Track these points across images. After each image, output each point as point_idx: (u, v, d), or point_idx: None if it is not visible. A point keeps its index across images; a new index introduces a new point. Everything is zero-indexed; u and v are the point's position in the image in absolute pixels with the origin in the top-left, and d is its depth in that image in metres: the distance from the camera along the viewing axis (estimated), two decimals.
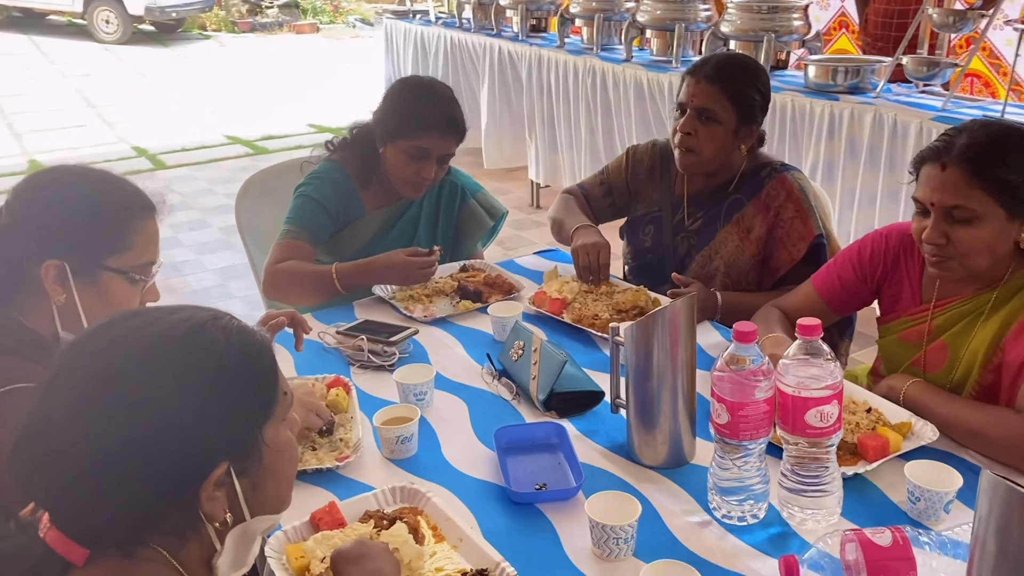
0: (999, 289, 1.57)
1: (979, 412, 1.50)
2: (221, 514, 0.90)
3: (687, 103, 2.06)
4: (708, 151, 2.06)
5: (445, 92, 2.21)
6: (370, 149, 2.22)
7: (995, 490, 0.94)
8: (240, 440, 0.90)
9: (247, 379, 0.91)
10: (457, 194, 2.38)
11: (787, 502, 1.33)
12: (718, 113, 2.03)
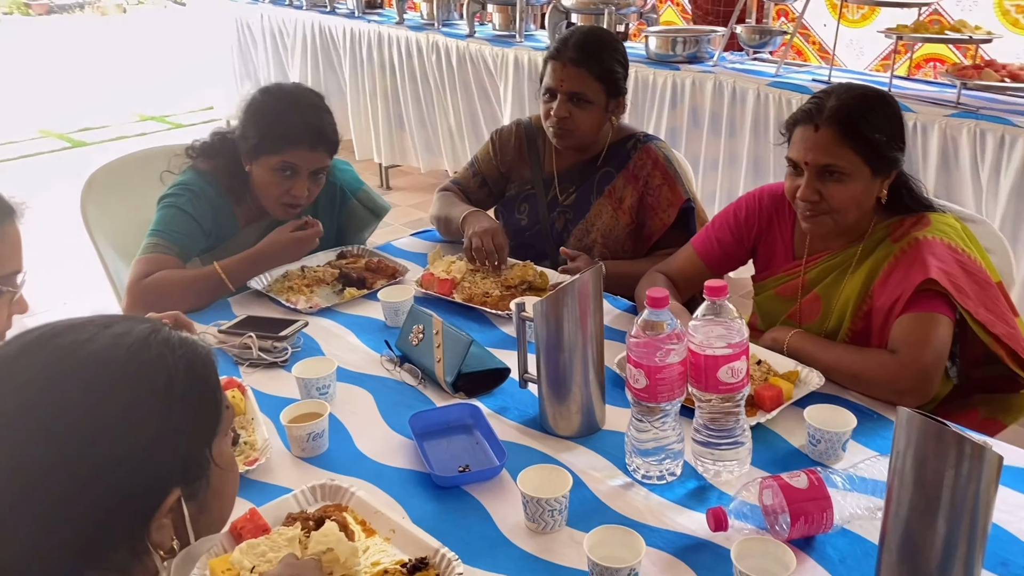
0: (864, 242, 1.70)
1: (857, 355, 1.63)
2: (168, 542, 0.83)
3: (556, 88, 2.08)
4: (584, 130, 2.11)
5: (311, 100, 2.08)
6: (237, 162, 2.08)
7: (911, 424, 1.02)
8: (191, 463, 0.84)
9: (197, 396, 0.85)
10: (336, 195, 2.28)
11: (701, 456, 1.39)
12: (588, 94, 2.07)
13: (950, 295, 1.56)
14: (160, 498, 0.81)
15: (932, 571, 1.05)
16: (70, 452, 0.75)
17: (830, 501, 1.21)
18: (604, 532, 1.17)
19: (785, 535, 1.21)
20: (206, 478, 0.86)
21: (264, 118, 2.02)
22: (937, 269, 1.57)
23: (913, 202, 1.69)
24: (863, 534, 1.24)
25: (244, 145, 2.04)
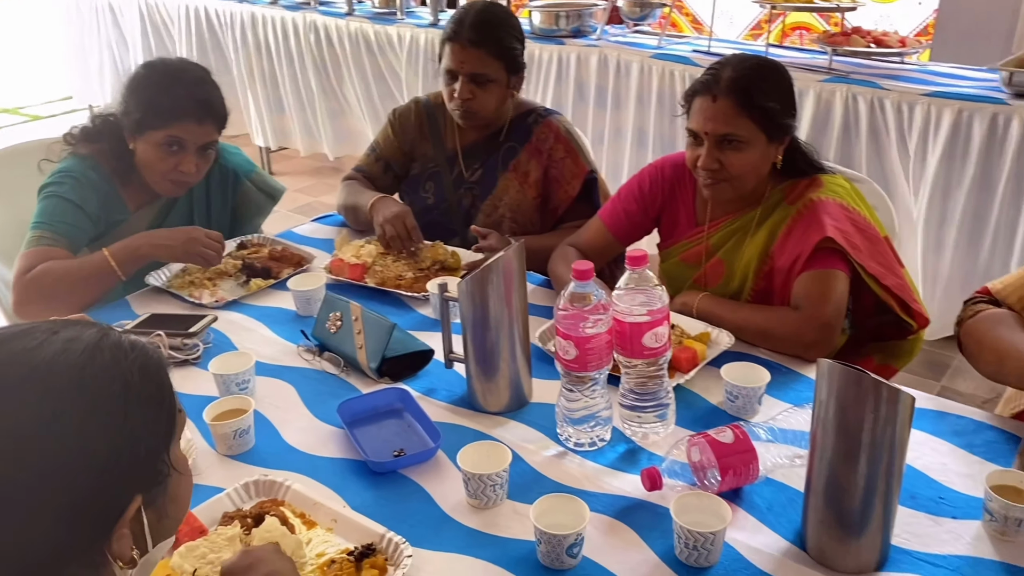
0: (762, 205, 1.78)
1: (763, 314, 1.72)
2: (128, 552, 0.80)
3: (457, 70, 2.07)
4: (489, 109, 2.12)
5: (196, 73, 1.99)
6: (121, 142, 1.97)
7: (832, 373, 1.08)
8: (151, 468, 0.81)
9: (153, 400, 0.82)
10: (229, 177, 2.21)
11: (629, 420, 1.43)
12: (489, 74, 2.07)
13: (845, 252, 1.66)
14: (123, 506, 0.78)
15: (856, 509, 1.13)
16: (28, 462, 0.71)
17: (755, 453, 1.28)
18: (549, 501, 1.19)
19: (715, 488, 1.27)
20: (164, 484, 0.83)
21: (148, 92, 1.93)
22: (832, 228, 1.67)
23: (806, 165, 1.78)
24: (786, 482, 1.31)
25: (127, 121, 1.94)
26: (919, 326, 1.79)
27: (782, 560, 1.17)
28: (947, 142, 2.83)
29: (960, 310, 1.60)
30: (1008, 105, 2.72)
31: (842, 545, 1.15)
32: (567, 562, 1.16)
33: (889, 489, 1.12)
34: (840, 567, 1.15)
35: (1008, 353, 1.43)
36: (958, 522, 1.23)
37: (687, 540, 1.15)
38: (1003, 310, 1.53)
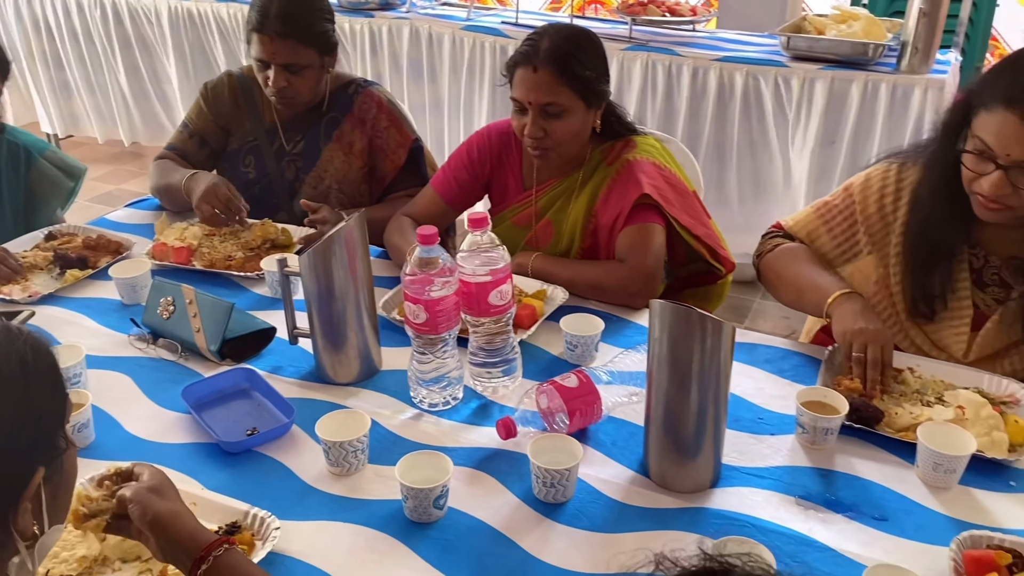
0: (584, 168, 1.88)
1: (593, 268, 1.83)
2: (31, 527, 0.81)
3: (269, 60, 2.02)
4: (306, 94, 2.10)
5: None
6: None
7: (664, 312, 1.19)
8: (51, 442, 0.83)
9: (48, 377, 0.84)
10: (20, 155, 2.05)
11: (479, 377, 1.49)
12: (303, 61, 2.04)
13: (661, 206, 1.80)
14: (27, 478, 0.80)
15: (690, 436, 1.25)
16: None
17: (598, 395, 1.38)
18: (412, 458, 1.23)
19: (566, 430, 1.36)
20: (61, 459, 0.86)
21: None
22: (648, 185, 1.80)
23: (621, 128, 1.90)
24: (626, 418, 1.42)
25: None
26: (727, 270, 1.97)
27: (629, 488, 1.28)
28: (740, 103, 3.08)
29: (759, 244, 1.78)
30: (788, 67, 3.00)
31: (680, 468, 1.27)
32: (434, 514, 1.20)
33: (718, 414, 1.24)
34: (680, 488, 1.27)
35: (806, 286, 1.61)
36: (776, 438, 1.38)
37: (544, 479, 1.23)
38: (797, 244, 1.71)
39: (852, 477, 1.29)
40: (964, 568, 1.08)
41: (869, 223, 1.62)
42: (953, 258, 1.52)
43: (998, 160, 1.36)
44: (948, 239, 1.51)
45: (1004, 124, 1.35)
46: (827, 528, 1.19)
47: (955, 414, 1.34)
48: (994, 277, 1.53)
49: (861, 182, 1.64)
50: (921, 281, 1.54)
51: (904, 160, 1.60)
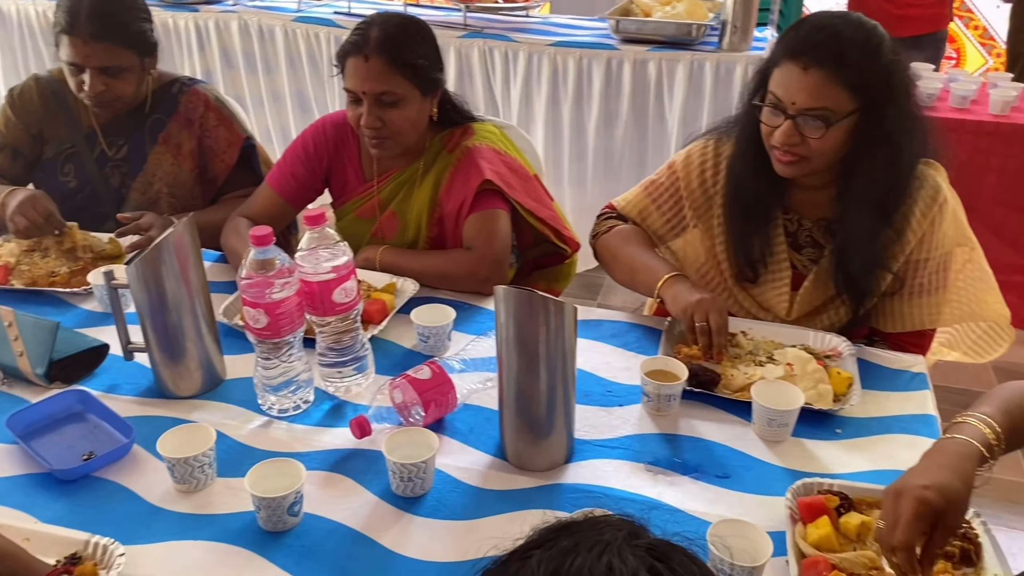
0: (424, 156, 1.88)
1: (440, 258, 1.83)
2: None
3: (83, 64, 1.89)
4: (127, 95, 1.98)
5: None
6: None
7: (508, 297, 1.20)
8: None
9: None
10: None
11: (330, 378, 1.47)
12: (122, 64, 1.92)
13: (503, 192, 1.82)
14: None
15: (542, 415, 1.27)
16: None
17: (452, 384, 1.38)
18: (263, 467, 1.20)
19: (422, 422, 1.36)
20: None
21: None
22: (490, 171, 1.81)
23: (458, 115, 1.91)
24: (482, 404, 1.43)
25: None
26: (572, 250, 2.02)
27: (487, 472, 1.29)
28: (574, 87, 3.15)
29: (594, 225, 1.83)
30: (619, 50, 3.10)
31: (535, 447, 1.30)
32: (290, 522, 1.18)
33: (567, 391, 1.27)
34: (536, 467, 1.30)
35: (639, 267, 1.68)
36: (624, 408, 1.43)
37: (400, 474, 1.22)
38: (629, 226, 1.77)
39: (695, 439, 1.35)
40: (799, 514, 1.16)
41: (693, 197, 1.70)
42: (769, 223, 1.62)
43: (787, 111, 1.46)
44: (762, 204, 1.61)
45: (788, 75, 1.45)
46: (675, 490, 1.25)
47: (784, 371, 1.43)
48: (808, 239, 1.64)
49: (683, 159, 1.72)
50: (743, 247, 1.63)
51: (720, 135, 1.69)
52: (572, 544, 0.57)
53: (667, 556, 0.56)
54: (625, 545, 0.56)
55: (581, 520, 0.62)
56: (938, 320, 1.61)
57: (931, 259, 1.57)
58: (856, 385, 1.43)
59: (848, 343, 1.54)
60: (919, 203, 1.54)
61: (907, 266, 1.58)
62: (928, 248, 1.56)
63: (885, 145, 1.46)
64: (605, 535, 0.58)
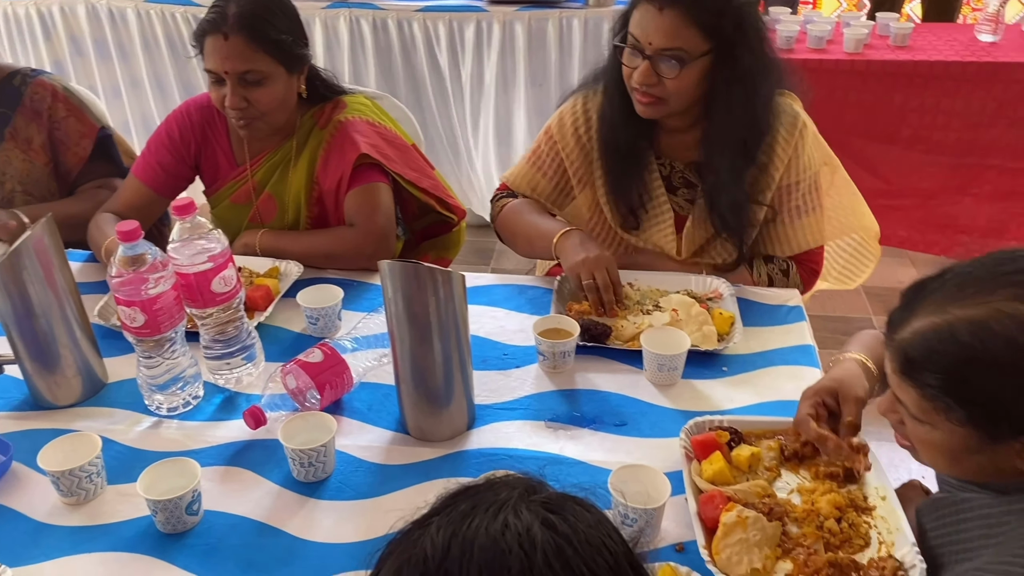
0: (296, 135, 1.82)
1: (323, 237, 1.79)
2: None
3: None
4: None
5: None
6: None
7: (393, 271, 1.19)
8: None
9: None
10: None
11: (218, 371, 1.42)
12: None
13: (382, 164, 1.79)
14: None
15: (440, 385, 1.27)
16: None
17: (346, 364, 1.36)
18: (155, 469, 1.16)
19: (319, 406, 1.33)
20: None
21: None
22: (365, 144, 1.78)
23: (327, 90, 1.86)
24: (379, 381, 1.42)
25: None
26: (458, 218, 2.02)
27: (390, 448, 1.29)
28: (448, 51, 3.12)
29: (491, 208, 1.83)
30: (487, 11, 3.07)
31: (436, 418, 1.30)
32: (189, 521, 1.14)
33: (463, 359, 1.28)
34: (439, 437, 1.30)
35: (534, 235, 1.69)
36: (521, 370, 1.45)
37: (300, 460, 1.20)
38: (520, 199, 1.78)
39: (592, 392, 1.38)
40: (693, 452, 1.20)
41: (571, 158, 1.72)
42: (644, 169, 1.66)
43: (645, 51, 1.49)
44: (634, 149, 1.64)
45: (646, 15, 1.49)
46: (576, 443, 1.27)
47: (671, 317, 1.48)
48: (681, 180, 1.68)
49: (556, 122, 1.73)
50: (622, 194, 1.67)
51: (587, 91, 1.71)
52: (470, 507, 0.58)
53: (561, 507, 0.57)
54: (521, 502, 0.57)
55: (480, 483, 0.63)
56: (821, 237, 1.68)
57: (801, 181, 1.63)
58: (738, 324, 1.49)
59: (728, 284, 1.60)
60: (780, 132, 1.60)
61: (780, 193, 1.64)
62: (796, 172, 1.62)
63: (740, 86, 1.51)
64: (501, 495, 0.59)
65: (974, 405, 0.91)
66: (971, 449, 0.94)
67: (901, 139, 2.90)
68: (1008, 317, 0.88)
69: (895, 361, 0.97)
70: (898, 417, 1.02)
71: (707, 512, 1.10)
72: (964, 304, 0.91)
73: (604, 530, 0.57)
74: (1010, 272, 0.91)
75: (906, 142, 2.90)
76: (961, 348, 0.89)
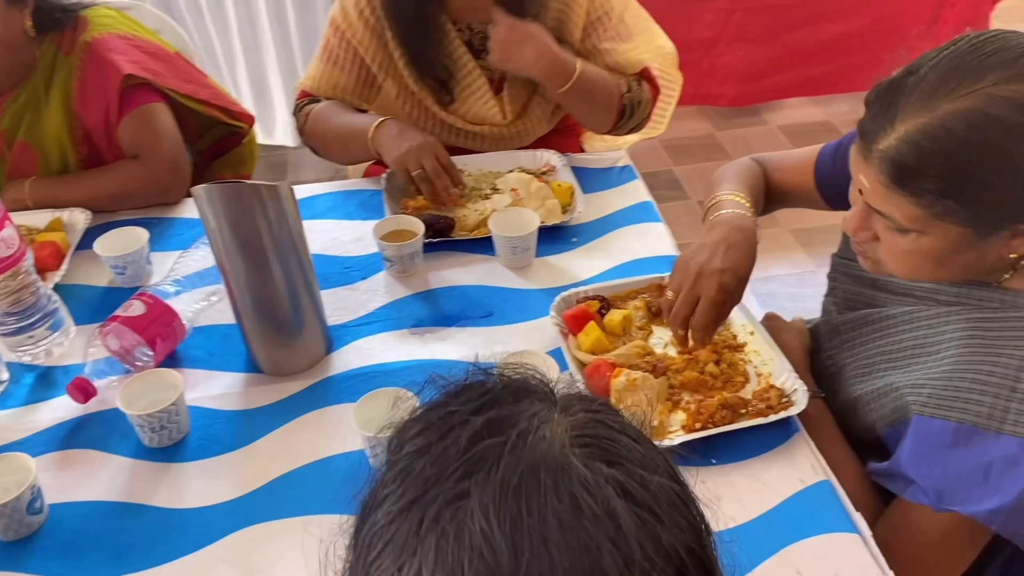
0: (39, 70, 1.55)
1: (106, 176, 1.57)
2: None
3: None
4: None
5: None
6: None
7: (211, 195, 1.05)
8: None
9: None
10: None
11: (21, 346, 1.23)
12: None
13: (150, 81, 1.57)
14: None
15: (288, 313, 1.16)
16: None
17: (173, 311, 1.22)
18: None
19: (153, 362, 1.19)
20: None
21: None
22: (126, 63, 1.55)
23: (61, 13, 1.57)
24: (214, 322, 1.29)
25: None
26: (248, 125, 1.84)
27: (247, 392, 1.17)
28: None
29: (295, 120, 1.66)
30: None
31: (290, 349, 1.20)
32: (34, 522, 0.99)
33: (308, 280, 1.17)
34: (298, 368, 1.20)
35: (347, 136, 1.55)
36: (368, 280, 1.36)
37: (149, 425, 1.07)
38: (324, 103, 1.62)
39: (450, 289, 1.32)
40: (567, 328, 1.18)
41: (365, 44, 1.57)
42: (443, 37, 1.56)
43: None
44: (425, 16, 1.53)
45: None
46: (447, 344, 1.22)
47: (512, 197, 1.43)
48: (482, 42, 1.57)
49: (339, 10, 1.58)
50: (427, 68, 1.56)
51: None
52: (512, 466, 0.44)
53: (613, 449, 0.46)
54: (568, 449, 0.45)
55: (480, 398, 0.49)
56: (643, 59, 1.62)
57: (612, 11, 1.58)
58: (578, 193, 1.47)
59: (558, 155, 1.57)
60: None
61: (593, 28, 1.58)
62: (601, 3, 1.57)
63: None
64: (533, 430, 0.46)
65: (978, 202, 0.85)
66: (961, 248, 0.89)
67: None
68: (1003, 100, 0.82)
69: (882, 173, 0.87)
70: (871, 234, 0.96)
71: (595, 382, 1.09)
72: (953, 97, 0.84)
73: (667, 471, 0.47)
74: (993, 53, 0.84)
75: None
76: (960, 144, 0.83)
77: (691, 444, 1.01)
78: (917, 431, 0.94)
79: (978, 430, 0.90)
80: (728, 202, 1.16)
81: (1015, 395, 0.88)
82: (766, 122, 3.39)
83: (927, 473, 0.92)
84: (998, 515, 0.87)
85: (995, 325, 0.94)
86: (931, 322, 1.01)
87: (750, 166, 1.28)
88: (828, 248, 1.22)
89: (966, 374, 0.92)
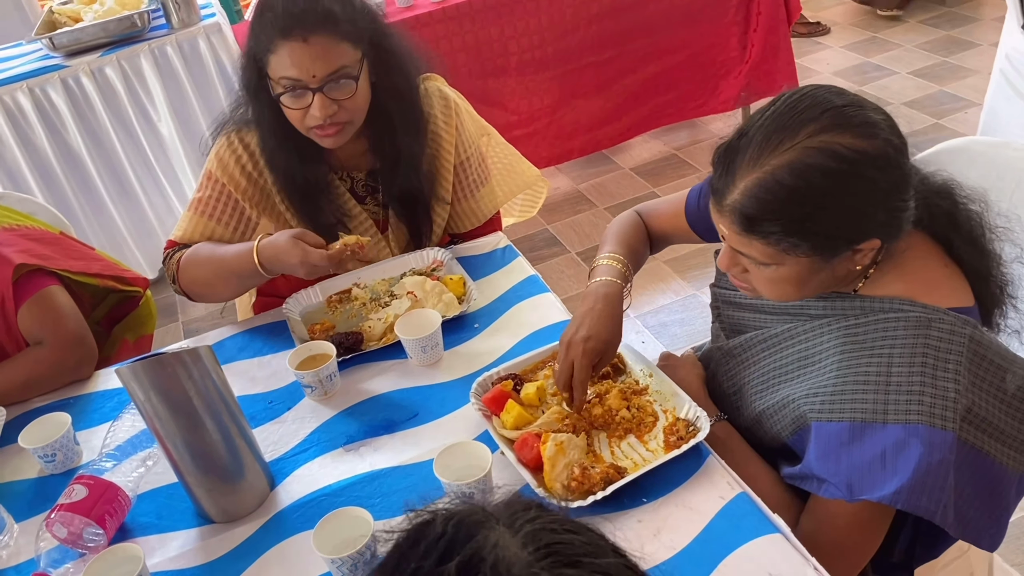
0: None
1: (12, 367, 1.57)
2: None
3: None
4: None
5: None
6: None
7: (136, 372, 1.11)
8: None
9: None
10: None
11: None
12: None
13: (43, 267, 1.61)
14: None
15: (229, 461, 1.22)
16: None
17: (115, 486, 1.25)
18: None
19: (104, 540, 1.22)
20: None
21: None
22: (14, 253, 1.59)
23: None
24: (155, 486, 1.32)
25: None
26: (144, 287, 1.88)
27: (204, 544, 1.22)
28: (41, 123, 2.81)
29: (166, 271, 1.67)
30: (69, 67, 2.80)
31: (236, 494, 1.25)
32: None
33: (240, 426, 1.23)
34: (247, 510, 1.25)
35: (230, 265, 1.55)
36: (294, 409, 1.42)
37: None
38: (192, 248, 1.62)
39: (372, 400, 1.41)
40: (489, 411, 1.29)
41: (247, 195, 1.63)
42: (329, 189, 1.64)
43: (311, 86, 1.45)
44: (314, 176, 1.61)
45: (293, 53, 1.43)
46: (382, 453, 1.30)
47: (410, 300, 1.53)
48: (365, 189, 1.69)
49: (216, 164, 1.62)
50: (317, 220, 1.62)
51: (236, 127, 1.63)
52: None
53: (573, 556, 0.51)
54: (539, 572, 0.50)
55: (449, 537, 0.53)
56: (497, 202, 1.81)
57: (471, 156, 1.73)
58: (469, 282, 1.59)
59: (443, 250, 1.68)
60: (438, 117, 1.68)
61: (457, 172, 1.72)
62: (464, 149, 1.71)
63: (391, 79, 1.55)
64: (512, 571, 0.51)
65: (815, 234, 1.01)
66: (814, 271, 1.06)
67: (511, 68, 3.16)
68: (816, 150, 0.99)
69: (734, 224, 1.04)
70: (740, 268, 1.12)
71: (526, 455, 1.19)
72: (778, 152, 1.01)
73: (610, 547, 0.53)
74: (804, 110, 1.02)
75: (516, 69, 3.17)
76: (789, 192, 1.00)
77: (621, 490, 1.12)
78: (818, 436, 1.09)
79: (868, 424, 1.05)
80: (601, 268, 1.33)
81: (891, 388, 1.04)
82: (619, 166, 3.63)
83: (835, 471, 1.06)
84: (900, 494, 1.01)
85: (861, 330, 1.11)
86: (809, 335, 1.17)
87: (631, 220, 1.46)
88: (701, 271, 1.38)
89: (848, 377, 1.08)
